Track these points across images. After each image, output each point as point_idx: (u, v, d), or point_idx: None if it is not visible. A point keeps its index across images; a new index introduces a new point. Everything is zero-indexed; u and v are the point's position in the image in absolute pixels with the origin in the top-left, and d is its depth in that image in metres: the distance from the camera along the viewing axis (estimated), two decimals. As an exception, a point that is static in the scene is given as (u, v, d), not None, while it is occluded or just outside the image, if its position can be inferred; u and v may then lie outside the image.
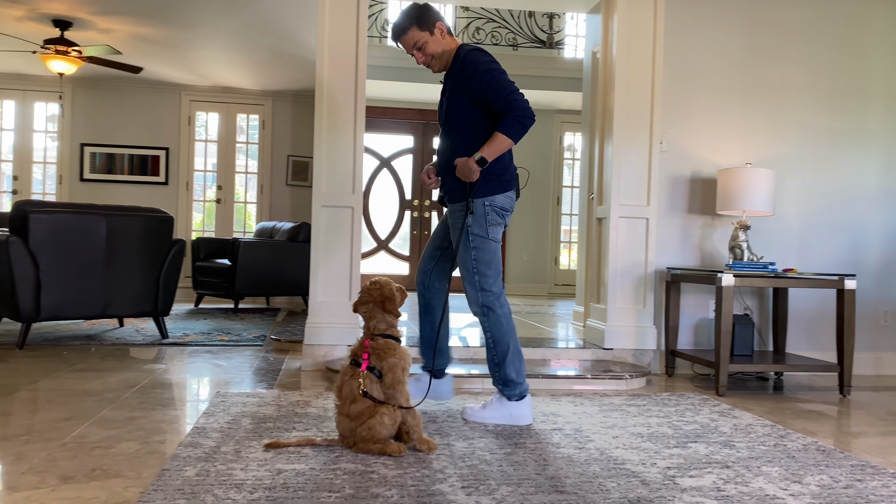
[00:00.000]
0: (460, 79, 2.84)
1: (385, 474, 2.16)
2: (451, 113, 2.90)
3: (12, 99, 8.41)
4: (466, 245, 2.88)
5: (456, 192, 2.92)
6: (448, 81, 2.94)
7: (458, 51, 2.91)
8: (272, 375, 3.81)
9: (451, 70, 2.91)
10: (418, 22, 2.88)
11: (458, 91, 2.86)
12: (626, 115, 4.20)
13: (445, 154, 2.94)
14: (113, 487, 1.99)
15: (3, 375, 3.58)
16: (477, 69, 2.78)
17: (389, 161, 9.02)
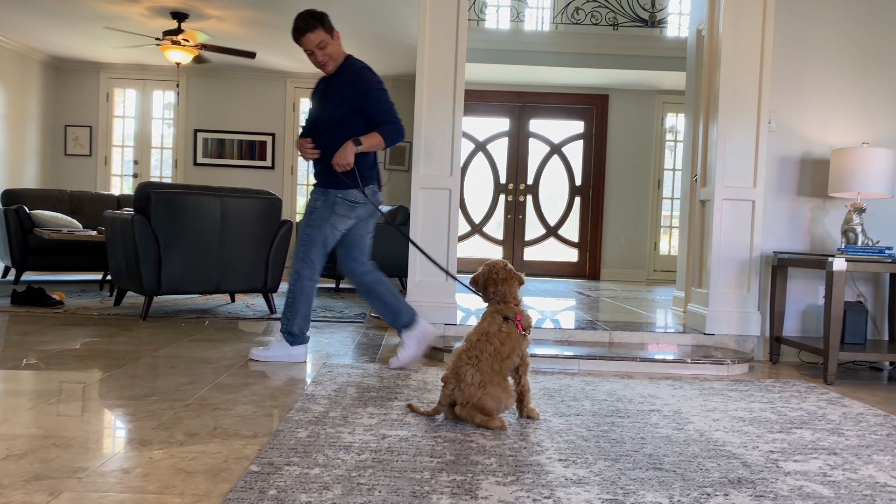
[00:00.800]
0: (351, 88, 3.34)
1: (484, 444, 2.23)
2: (336, 113, 3.37)
3: (134, 88, 8.99)
4: (307, 220, 3.45)
5: (323, 179, 3.46)
6: (334, 84, 3.40)
7: (348, 59, 3.43)
8: (373, 350, 3.96)
9: (339, 78, 3.39)
10: (323, 24, 3.34)
11: (346, 97, 3.35)
12: (732, 94, 4.07)
13: (324, 148, 3.40)
14: (233, 444, 2.15)
15: (129, 343, 3.89)
16: (369, 87, 3.34)
17: (485, 145, 9.06)
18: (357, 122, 3.37)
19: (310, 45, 3.34)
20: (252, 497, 1.71)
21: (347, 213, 3.45)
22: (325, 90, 3.45)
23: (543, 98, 9.05)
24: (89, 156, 8.91)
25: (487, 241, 9.07)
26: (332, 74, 3.44)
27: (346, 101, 3.35)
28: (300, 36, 3.34)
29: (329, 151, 3.39)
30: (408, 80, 8.92)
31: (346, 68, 3.41)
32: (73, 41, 7.68)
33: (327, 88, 3.44)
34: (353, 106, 3.35)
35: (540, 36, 7.94)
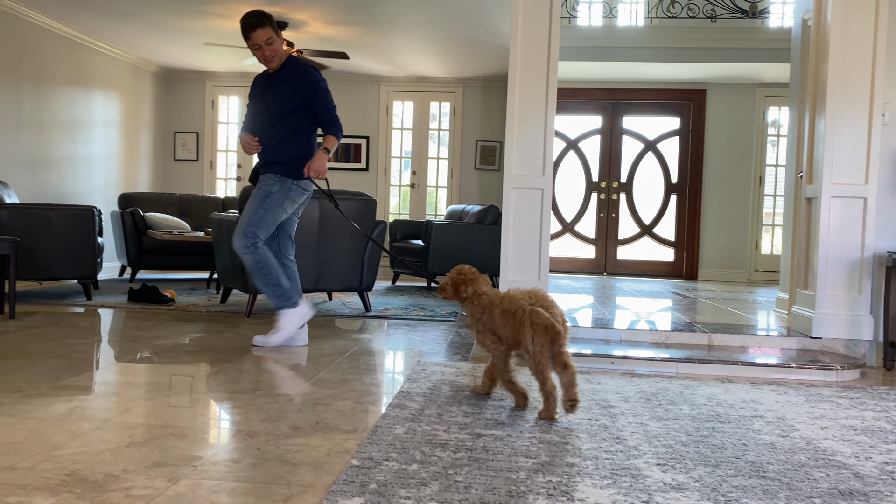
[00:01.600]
0: (299, 85, 3.65)
1: (579, 446, 2.22)
2: (286, 106, 3.67)
3: (236, 95, 9.41)
4: (260, 202, 3.68)
5: (280, 169, 3.70)
6: (280, 80, 3.68)
7: (292, 58, 3.72)
8: (465, 349, 4.00)
9: (286, 73, 3.68)
10: (271, 23, 3.60)
11: (295, 94, 3.65)
12: (841, 85, 3.87)
13: (275, 138, 3.70)
14: (334, 438, 2.23)
15: (235, 339, 4.09)
16: (318, 85, 3.68)
17: (576, 142, 8.96)
18: (305, 115, 3.70)
19: (258, 41, 3.58)
20: (354, 490, 1.77)
21: (297, 199, 3.80)
22: (268, 86, 3.73)
23: (637, 94, 8.86)
24: (196, 160, 9.40)
25: (579, 240, 8.97)
26: (275, 71, 3.72)
27: (296, 96, 3.66)
28: (251, 31, 3.56)
29: (279, 141, 3.71)
30: (498, 81, 8.93)
31: (293, 65, 3.71)
32: (181, 52, 8.12)
33: (271, 84, 3.72)
34: (301, 100, 3.67)
35: (633, 31, 7.78)
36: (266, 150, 3.75)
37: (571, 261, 8.96)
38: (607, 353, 3.66)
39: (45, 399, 2.59)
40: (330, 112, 3.72)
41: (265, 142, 3.74)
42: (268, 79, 3.76)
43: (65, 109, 7.23)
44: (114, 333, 4.18)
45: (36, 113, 6.80)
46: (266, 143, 3.74)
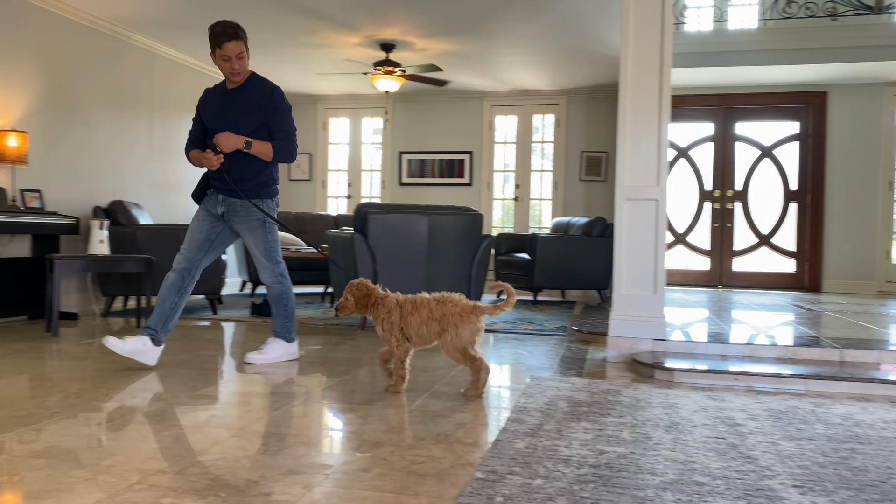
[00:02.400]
0: (265, 104, 3.58)
1: (708, 465, 2.15)
2: (249, 125, 3.56)
3: (346, 117, 9.75)
4: (264, 232, 3.67)
5: (259, 191, 3.65)
6: (242, 97, 3.59)
7: (256, 75, 3.66)
8: (578, 364, 3.95)
9: (252, 90, 3.60)
10: (245, 37, 3.54)
11: (260, 111, 3.57)
12: None
13: (244, 158, 3.58)
14: (456, 451, 2.26)
15: (351, 351, 4.21)
16: (281, 106, 3.62)
17: (687, 150, 8.69)
18: (265, 133, 3.61)
19: (231, 52, 3.48)
20: (480, 502, 1.79)
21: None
22: (227, 102, 3.61)
23: (751, 99, 8.50)
24: (309, 180, 9.79)
25: (692, 252, 8.67)
26: (236, 87, 3.61)
27: (261, 116, 3.58)
28: (226, 40, 3.46)
29: (250, 161, 3.60)
30: (604, 90, 8.82)
31: (258, 84, 3.63)
32: (294, 78, 8.51)
33: (232, 101, 3.60)
34: (265, 120, 3.60)
35: (746, 34, 7.49)
36: (233, 169, 3.59)
37: (684, 273, 8.68)
38: (724, 369, 3.52)
39: (184, 407, 2.77)
40: (286, 133, 3.63)
41: (230, 161, 3.58)
42: (226, 94, 3.63)
43: (190, 135, 7.72)
44: (239, 346, 4.40)
45: (165, 139, 7.30)
46: (232, 163, 3.58)
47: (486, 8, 5.86)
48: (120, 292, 5.88)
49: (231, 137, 3.49)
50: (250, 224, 3.67)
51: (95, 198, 6.30)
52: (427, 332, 3.04)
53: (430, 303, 3.05)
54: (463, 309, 3.02)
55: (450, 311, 3.01)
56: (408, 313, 3.05)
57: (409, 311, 3.05)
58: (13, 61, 5.43)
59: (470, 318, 3.00)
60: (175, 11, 6.06)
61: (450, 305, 3.02)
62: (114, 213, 5.93)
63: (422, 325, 3.02)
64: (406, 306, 3.07)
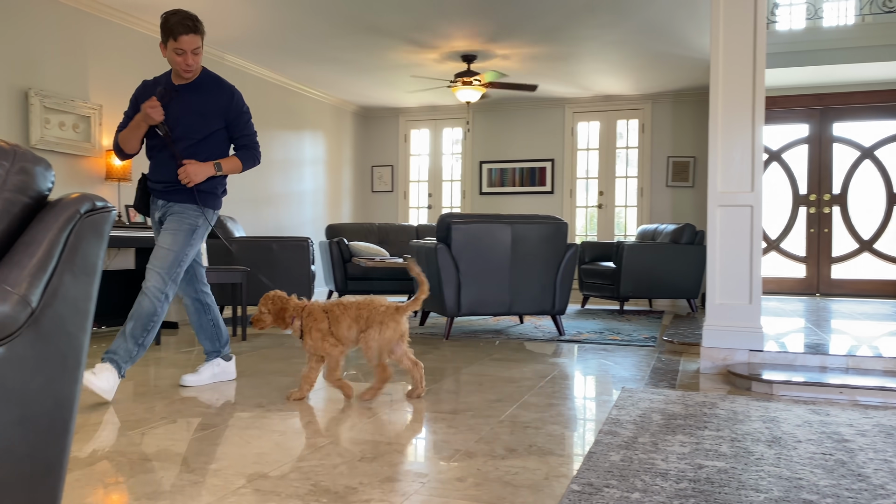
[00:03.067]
0: (224, 108, 3.32)
1: (815, 482, 2.05)
2: (207, 127, 3.30)
3: (426, 128, 9.87)
4: (186, 239, 3.27)
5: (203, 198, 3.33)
6: (197, 96, 3.30)
7: (209, 72, 3.38)
8: (671, 376, 3.85)
9: (209, 90, 3.32)
10: (202, 32, 3.25)
11: (219, 116, 3.32)
12: None
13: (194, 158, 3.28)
14: (550, 463, 2.25)
15: (437, 360, 4.25)
16: (242, 108, 3.38)
17: (780, 153, 8.35)
18: (225, 137, 3.39)
19: (189, 46, 3.17)
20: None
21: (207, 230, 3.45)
22: (178, 100, 3.26)
23: (849, 98, 8.10)
24: (391, 191, 9.96)
25: (786, 259, 8.32)
26: (186, 84, 3.29)
27: (221, 116, 3.32)
28: (184, 33, 3.14)
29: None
30: (690, 94, 8.60)
31: (215, 85, 3.34)
32: (377, 92, 8.68)
33: (183, 100, 3.27)
34: (225, 123, 3.35)
35: (842, 31, 7.15)
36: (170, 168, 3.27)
37: (778, 281, 8.33)
38: (825, 382, 3.36)
39: (282, 413, 2.86)
40: (250, 139, 3.40)
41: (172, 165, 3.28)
42: (176, 90, 3.28)
43: (280, 150, 7.99)
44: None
45: (256, 155, 7.58)
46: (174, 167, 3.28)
47: (569, 15, 5.83)
48: (217, 302, 6.13)
49: (199, 167, 3.23)
50: (179, 225, 3.28)
51: (193, 212, 6.60)
52: (356, 332, 3.08)
53: (355, 305, 3.12)
54: (388, 309, 3.10)
55: (376, 311, 3.08)
56: (336, 317, 3.09)
57: (338, 315, 3.09)
58: (120, 85, 5.77)
59: (395, 318, 3.08)
60: (265, 32, 6.30)
61: (376, 305, 3.10)
62: (210, 226, 6.19)
63: (352, 325, 3.07)
64: (334, 311, 3.11)
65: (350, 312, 3.10)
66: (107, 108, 5.66)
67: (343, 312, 3.10)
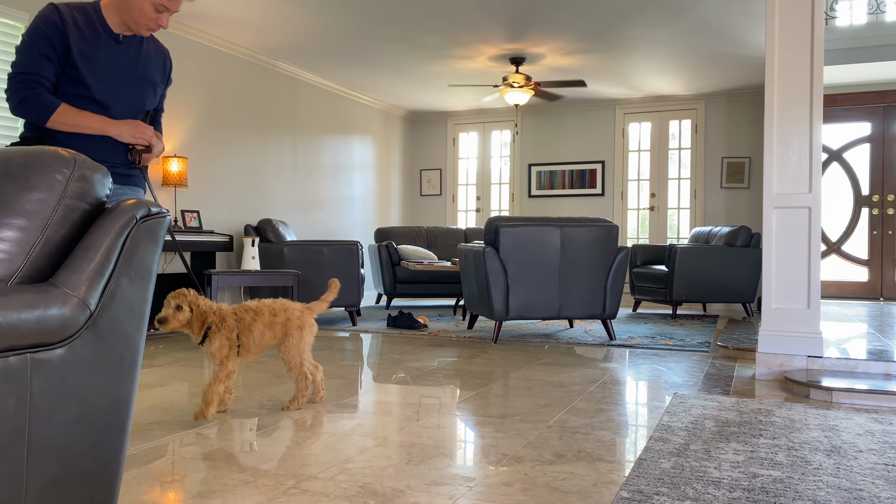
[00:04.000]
0: (166, 75, 2.64)
1: (877, 493, 1.98)
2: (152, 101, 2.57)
3: (475, 131, 9.87)
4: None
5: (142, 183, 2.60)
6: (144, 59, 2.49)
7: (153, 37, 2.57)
8: (725, 382, 3.76)
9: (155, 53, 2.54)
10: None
11: (161, 85, 2.62)
12: None
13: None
14: (599, 469, 2.22)
15: (485, 364, 4.24)
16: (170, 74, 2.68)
17: (840, 153, 8.08)
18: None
19: (175, 6, 2.42)
20: (627, 523, 1.74)
21: None
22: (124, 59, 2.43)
23: (914, 94, 7.79)
24: (439, 195, 9.99)
25: (847, 262, 8.03)
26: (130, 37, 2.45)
27: (160, 90, 2.62)
28: None
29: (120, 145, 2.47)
30: (745, 93, 8.40)
31: (159, 44, 2.59)
32: (425, 96, 8.73)
33: (129, 58, 2.45)
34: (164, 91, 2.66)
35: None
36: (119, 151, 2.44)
37: (839, 285, 8.05)
38: (890, 390, 3.23)
39: (332, 416, 2.90)
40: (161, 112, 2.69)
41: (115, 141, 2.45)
42: (115, 42, 2.41)
43: (330, 155, 8.10)
44: (379, 357, 4.55)
45: (307, 160, 7.71)
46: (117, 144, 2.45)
47: (619, 15, 5.76)
48: (268, 305, 6.25)
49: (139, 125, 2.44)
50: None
51: (246, 216, 6.74)
52: (270, 338, 2.92)
53: (268, 309, 2.93)
54: (302, 312, 2.98)
55: (292, 315, 2.94)
56: (248, 324, 2.88)
57: (250, 322, 2.88)
58: (175, 93, 5.93)
59: (310, 320, 2.99)
60: (315, 38, 6.40)
61: (290, 309, 2.95)
62: (263, 230, 6.32)
63: (265, 331, 2.90)
64: (245, 316, 2.89)
65: (263, 318, 2.90)
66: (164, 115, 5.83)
67: (255, 318, 2.89)
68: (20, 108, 2.29)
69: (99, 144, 2.39)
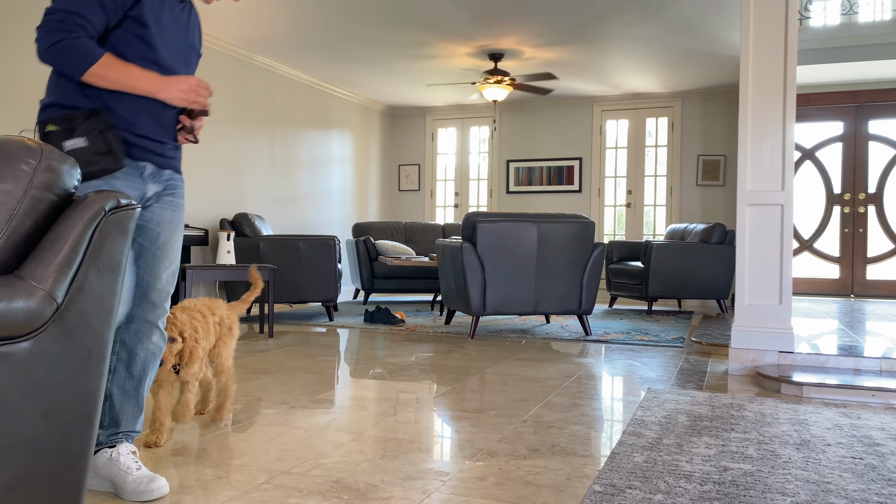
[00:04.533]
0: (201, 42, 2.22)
1: (844, 486, 2.01)
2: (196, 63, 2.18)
3: (453, 127, 9.87)
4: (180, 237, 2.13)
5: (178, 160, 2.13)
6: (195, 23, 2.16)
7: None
8: (698, 377, 3.80)
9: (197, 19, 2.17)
10: None
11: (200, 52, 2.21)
12: None
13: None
14: (572, 463, 2.23)
15: (462, 359, 4.25)
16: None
17: (813, 152, 8.20)
18: None
19: None
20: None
21: None
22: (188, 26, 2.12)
23: (885, 95, 7.92)
24: (418, 190, 9.98)
25: (819, 259, 8.16)
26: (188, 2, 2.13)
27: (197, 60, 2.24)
28: None
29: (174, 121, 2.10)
30: (720, 91, 8.48)
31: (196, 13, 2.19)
32: (404, 91, 8.71)
33: (190, 25, 2.13)
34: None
35: (879, 27, 6.99)
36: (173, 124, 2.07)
37: (811, 282, 8.18)
38: (858, 385, 3.29)
39: (306, 411, 2.88)
40: None
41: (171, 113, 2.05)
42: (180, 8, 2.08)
43: (307, 149, 8.05)
44: (355, 352, 4.54)
45: (284, 153, 7.65)
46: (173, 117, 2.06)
47: (597, 13, 5.78)
48: (244, 300, 6.20)
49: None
50: (181, 215, 2.13)
51: (222, 211, 6.68)
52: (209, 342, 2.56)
53: (208, 310, 2.57)
54: (230, 310, 2.69)
55: (222, 314, 2.61)
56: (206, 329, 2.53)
57: (200, 325, 2.50)
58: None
59: (237, 321, 2.71)
60: (294, 32, 6.35)
61: (223, 308, 2.61)
62: (239, 224, 6.26)
63: (209, 337, 2.54)
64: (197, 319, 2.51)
65: (209, 321, 2.53)
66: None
67: (204, 322, 2.50)
68: (51, 53, 1.83)
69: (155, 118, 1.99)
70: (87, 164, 1.81)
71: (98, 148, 1.83)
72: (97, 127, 1.84)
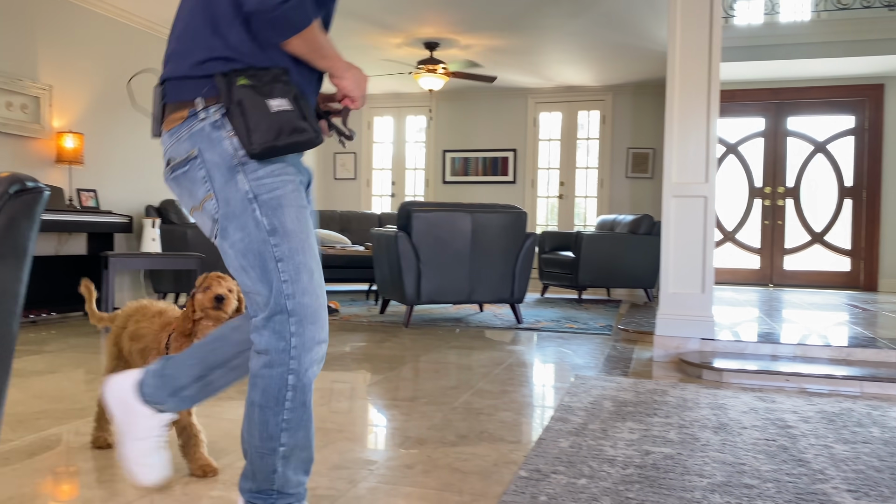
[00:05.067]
0: None
1: (757, 467, 2.10)
2: None
3: (390, 115, 9.81)
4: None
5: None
6: None
7: None
8: (624, 363, 3.90)
9: None
10: None
11: None
12: None
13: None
14: (500, 449, 2.26)
15: (396, 348, 4.24)
16: None
17: (736, 146, 8.50)
18: None
19: None
20: (524, 501, 1.79)
21: None
22: None
23: (803, 93, 8.27)
24: (354, 179, 9.89)
25: (741, 250, 8.49)
26: None
27: None
28: None
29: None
30: (650, 86, 8.69)
31: None
32: (340, 77, 8.61)
33: None
34: None
35: (798, 27, 7.29)
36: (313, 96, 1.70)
37: (733, 272, 8.50)
38: (775, 370, 3.44)
39: (234, 402, 2.82)
40: None
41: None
42: None
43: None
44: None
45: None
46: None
47: (530, 4, 5.83)
48: (171, 289, 6.02)
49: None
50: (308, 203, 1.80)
51: (147, 197, 6.46)
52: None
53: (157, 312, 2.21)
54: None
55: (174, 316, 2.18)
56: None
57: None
58: (70, 65, 5.60)
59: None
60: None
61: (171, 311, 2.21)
62: (165, 212, 6.07)
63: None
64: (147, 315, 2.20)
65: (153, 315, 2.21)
66: (57, 89, 5.49)
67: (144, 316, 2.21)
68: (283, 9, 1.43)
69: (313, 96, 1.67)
70: (293, 133, 1.47)
71: (301, 114, 1.49)
72: (292, 91, 1.51)
